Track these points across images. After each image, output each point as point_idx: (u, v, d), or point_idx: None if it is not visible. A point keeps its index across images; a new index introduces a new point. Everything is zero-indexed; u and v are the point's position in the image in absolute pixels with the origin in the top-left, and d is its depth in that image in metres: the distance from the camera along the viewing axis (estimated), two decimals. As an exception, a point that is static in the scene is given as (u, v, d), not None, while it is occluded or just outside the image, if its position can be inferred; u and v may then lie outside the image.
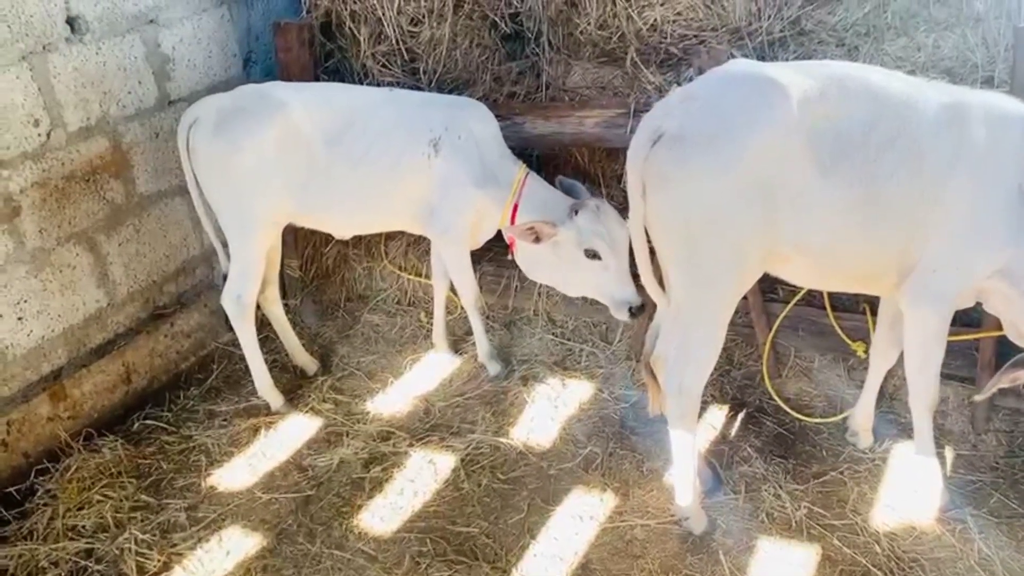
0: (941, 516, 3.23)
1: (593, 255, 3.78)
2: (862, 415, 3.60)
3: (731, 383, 4.16)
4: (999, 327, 3.23)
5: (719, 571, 3.09)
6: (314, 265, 5.04)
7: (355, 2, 4.64)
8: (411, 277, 4.91)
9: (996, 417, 3.69)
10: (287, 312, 4.73)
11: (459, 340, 4.66)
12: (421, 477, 3.72)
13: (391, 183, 3.99)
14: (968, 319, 3.57)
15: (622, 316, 3.81)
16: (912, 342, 3.04)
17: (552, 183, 4.17)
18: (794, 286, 3.64)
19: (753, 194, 2.73)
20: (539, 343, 4.61)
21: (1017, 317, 2.88)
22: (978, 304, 3.17)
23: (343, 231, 4.31)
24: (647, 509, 3.40)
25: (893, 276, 2.96)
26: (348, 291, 5.11)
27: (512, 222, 4.02)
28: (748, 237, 2.81)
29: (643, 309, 3.74)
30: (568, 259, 3.87)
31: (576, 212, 3.74)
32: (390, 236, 4.92)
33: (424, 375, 4.47)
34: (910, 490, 3.34)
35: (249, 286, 3.98)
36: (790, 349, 4.11)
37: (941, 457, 3.55)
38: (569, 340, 4.58)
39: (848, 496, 3.40)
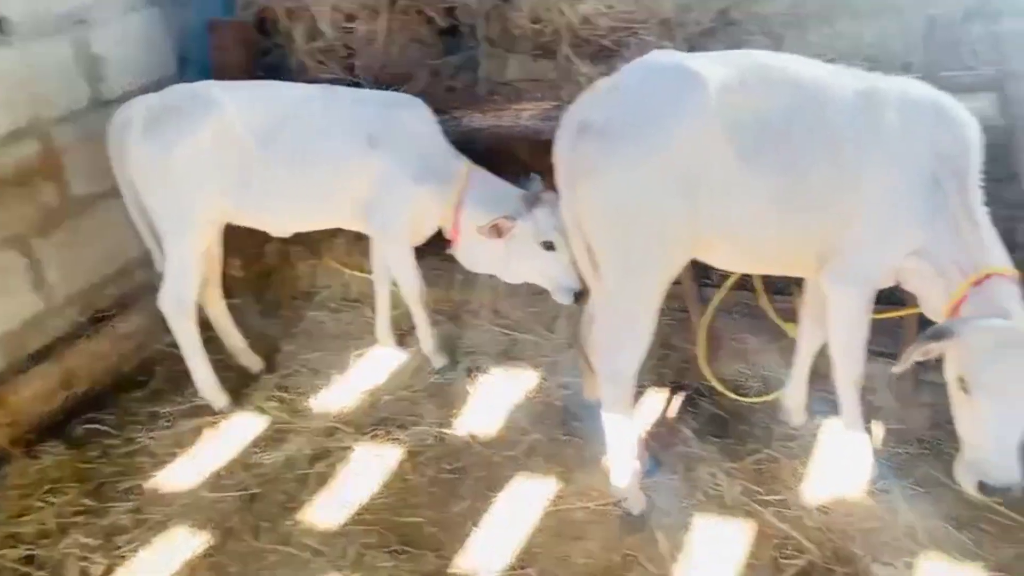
0: (870, 489, 3.35)
1: (549, 247, 3.84)
2: (794, 394, 3.72)
3: (669, 367, 4.25)
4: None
5: (657, 550, 3.17)
6: (257, 264, 5.02)
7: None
8: (354, 273, 4.93)
9: (922, 391, 3.82)
10: (231, 311, 4.72)
11: (404, 334, 4.69)
12: (367, 471, 3.75)
13: (328, 181, 4.00)
14: (893, 297, 3.70)
15: (566, 300, 3.88)
16: (836, 322, 3.15)
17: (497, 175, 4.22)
18: (726, 270, 3.74)
19: (677, 183, 2.81)
20: (484, 334, 4.66)
21: (932, 294, 3.00)
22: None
23: (282, 229, 4.30)
24: (588, 492, 3.47)
25: (816, 259, 3.06)
26: (292, 289, 5.12)
27: (456, 217, 4.06)
28: (674, 225, 2.89)
29: (586, 294, 3.81)
30: (521, 250, 3.93)
31: (532, 204, 3.79)
32: (332, 233, 4.91)
33: (370, 370, 4.49)
34: (840, 465, 3.45)
35: (187, 287, 3.97)
36: (725, 332, 4.21)
37: (870, 432, 3.67)
38: (514, 331, 4.64)
39: (782, 472, 3.51)
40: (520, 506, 3.45)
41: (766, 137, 2.83)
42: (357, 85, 4.67)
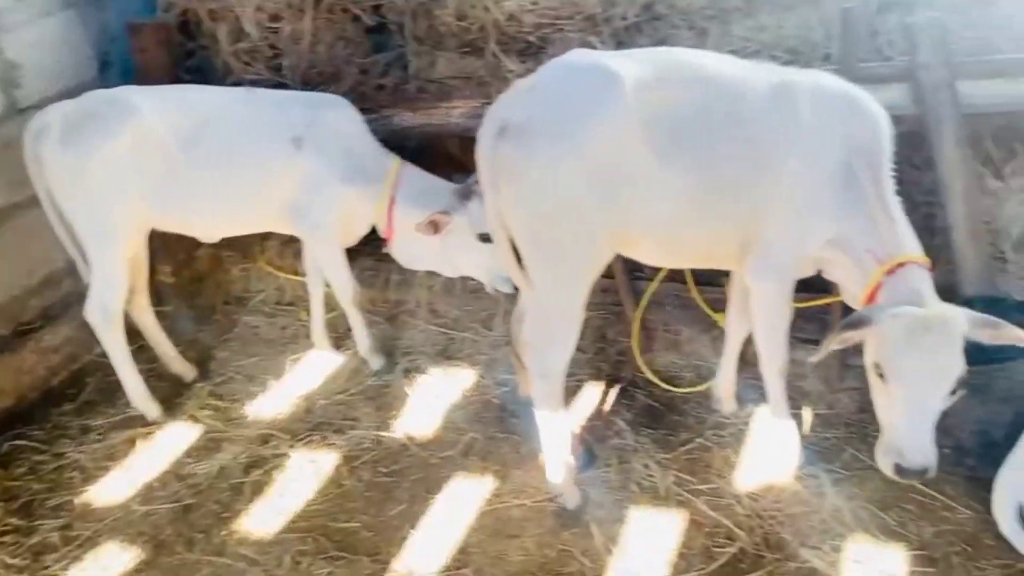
0: (798, 474, 3.42)
1: (486, 239, 3.83)
2: (724, 382, 3.78)
3: (605, 360, 4.28)
4: (843, 292, 3.44)
5: (592, 543, 3.20)
6: (187, 269, 4.92)
7: (213, 0, 4.54)
8: (288, 276, 4.87)
9: (848, 376, 3.90)
10: (162, 319, 4.63)
11: (341, 337, 4.65)
12: (303, 477, 3.72)
13: (254, 184, 3.94)
14: (819, 285, 3.78)
15: (506, 288, 3.90)
16: (759, 311, 3.20)
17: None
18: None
19: (598, 181, 2.82)
20: (422, 334, 4.65)
21: (850, 282, 3.07)
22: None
23: (209, 235, 4.23)
24: (524, 489, 3.49)
25: (737, 252, 3.11)
26: (224, 294, 5.04)
27: (389, 215, 4.04)
28: (596, 223, 2.90)
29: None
30: (458, 244, 3.93)
31: (466, 197, 3.79)
32: (265, 235, 4.85)
33: (306, 375, 4.45)
34: (769, 452, 3.52)
35: (113, 296, 3.88)
36: (658, 324, 4.26)
37: (799, 417, 3.76)
38: (451, 329, 4.63)
39: (713, 461, 3.56)
40: (457, 506, 3.46)
41: (682, 134, 2.86)
42: (283, 86, 4.60)
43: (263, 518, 3.51)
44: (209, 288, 5.02)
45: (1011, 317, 3.43)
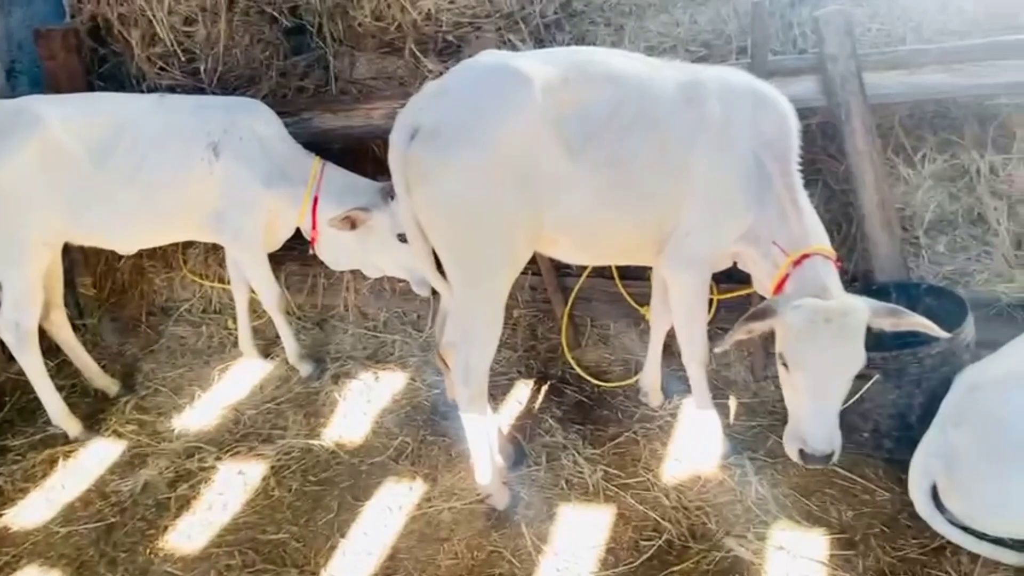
0: (723, 463, 3.46)
1: (405, 239, 3.81)
2: (650, 375, 3.81)
3: (536, 357, 4.30)
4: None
5: (522, 543, 3.19)
6: (109, 280, 4.81)
7: (121, 4, 4.43)
8: (213, 285, 4.78)
9: (773, 364, 3.96)
10: (86, 332, 4.52)
11: (270, 344, 4.59)
12: (230, 489, 3.66)
13: (171, 193, 3.86)
14: (741, 276, 3.83)
15: (425, 292, 3.91)
16: (677, 304, 3.24)
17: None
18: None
19: (511, 182, 2.82)
20: (351, 338, 4.61)
21: (762, 274, 3.12)
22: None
23: (127, 248, 4.13)
24: (455, 492, 3.48)
25: (653, 247, 3.14)
26: (149, 304, 4.94)
27: (314, 216, 3.99)
28: (511, 223, 2.90)
29: None
30: (378, 242, 3.91)
31: (388, 196, 3.76)
32: (188, 243, 4.77)
33: (234, 384, 4.38)
34: (695, 442, 3.56)
35: (27, 313, 3.78)
36: (587, 319, 4.29)
37: (725, 406, 3.82)
38: (381, 332, 4.60)
39: (641, 454, 3.59)
40: (387, 513, 3.43)
41: (592, 132, 2.87)
42: (201, 91, 4.52)
43: (189, 534, 3.44)
44: (132, 299, 4.91)
45: (922, 301, 3.55)
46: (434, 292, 3.86)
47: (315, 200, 3.92)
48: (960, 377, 3.12)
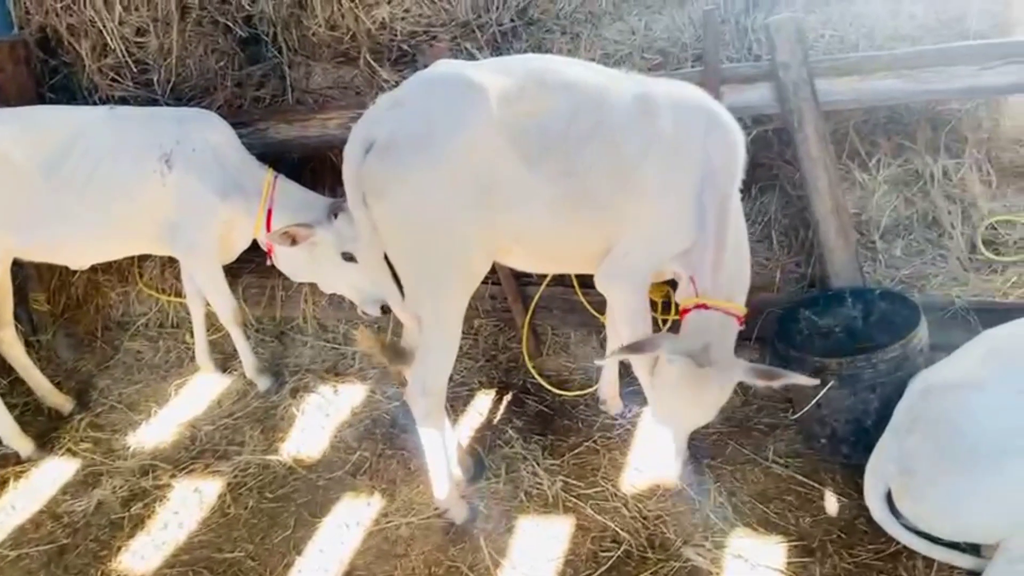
0: (682, 472, 3.45)
1: (349, 258, 3.78)
2: (607, 385, 3.80)
3: (497, 368, 4.27)
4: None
5: (480, 557, 3.16)
6: (63, 295, 4.74)
7: (71, 15, 4.36)
8: (170, 299, 4.71)
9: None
10: (40, 348, 4.44)
11: (228, 358, 4.52)
12: (186, 508, 3.60)
13: (123, 206, 3.79)
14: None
15: (373, 312, 3.86)
16: (619, 318, 3.23)
17: (312, 186, 4.12)
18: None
19: (468, 194, 2.79)
20: (311, 351, 4.56)
21: (680, 288, 3.14)
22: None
23: (78, 262, 4.06)
24: (413, 506, 3.44)
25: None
26: (104, 319, 4.86)
27: (268, 228, 3.94)
28: (469, 235, 2.87)
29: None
30: (324, 259, 3.86)
31: (335, 214, 3.71)
32: (143, 257, 4.70)
33: (191, 399, 4.32)
34: (654, 451, 3.55)
35: (-26, 331, 3.70)
36: (548, 328, 4.27)
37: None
38: (341, 345, 4.55)
39: (601, 464, 3.57)
40: (343, 529, 3.39)
41: (547, 143, 2.84)
42: (154, 102, 4.45)
43: (143, 554, 3.38)
44: (88, 314, 4.84)
45: (877, 306, 3.57)
46: (384, 309, 3.84)
47: (269, 213, 3.86)
48: (914, 382, 3.13)
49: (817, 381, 2.99)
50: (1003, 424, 2.78)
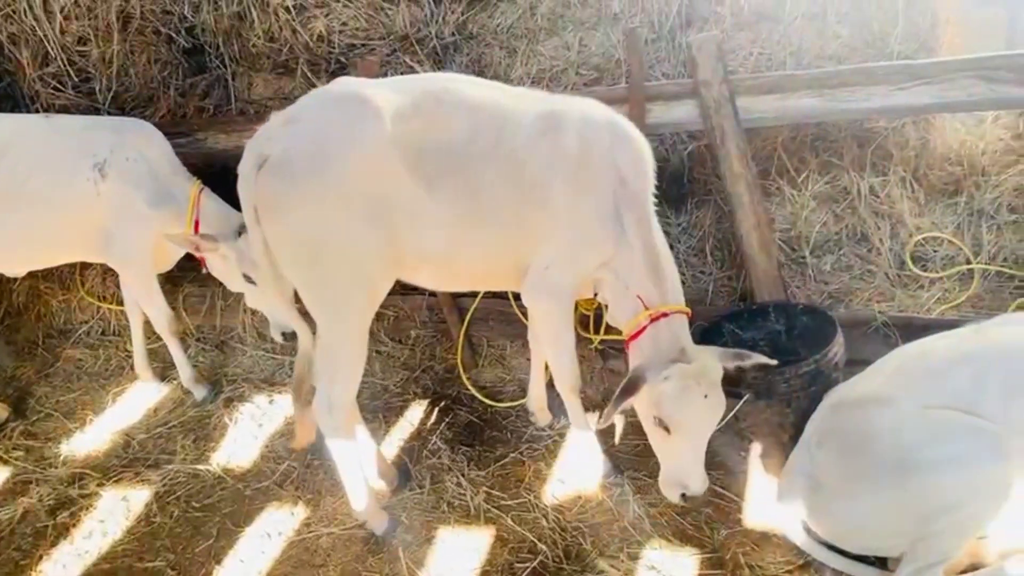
0: (604, 483, 3.48)
1: (248, 280, 3.79)
2: (535, 397, 3.82)
3: (433, 378, 4.30)
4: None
5: (398, 568, 3.18)
6: (3, 303, 4.74)
7: (11, 23, 4.36)
8: (111, 307, 4.72)
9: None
10: (-22, 357, 4.43)
11: (168, 367, 4.52)
12: (112, 517, 3.60)
13: (57, 215, 3.80)
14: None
15: (277, 337, 3.87)
16: (543, 331, 3.26)
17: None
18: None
19: (363, 211, 2.79)
20: (250, 360, 4.57)
21: (616, 312, 3.17)
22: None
23: (12, 269, 4.06)
24: (336, 517, 3.45)
25: (514, 274, 3.13)
26: (46, 327, 4.86)
27: None
28: (366, 253, 2.86)
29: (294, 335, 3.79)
30: (233, 276, 3.89)
31: (239, 232, 3.72)
32: (85, 265, 4.70)
33: (128, 408, 4.33)
34: (576, 463, 3.58)
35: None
36: (483, 340, 4.30)
37: (612, 426, 3.84)
38: (279, 354, 4.56)
39: (525, 475, 3.59)
40: (265, 539, 3.40)
41: (445, 162, 2.85)
42: (96, 111, 4.46)
43: (64, 563, 3.38)
44: (29, 321, 4.84)
45: (799, 320, 3.62)
46: (285, 337, 3.84)
47: (196, 223, 3.87)
48: (828, 396, 3.18)
49: (775, 361, 3.04)
50: (906, 439, 2.82)
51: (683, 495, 2.98)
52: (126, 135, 3.89)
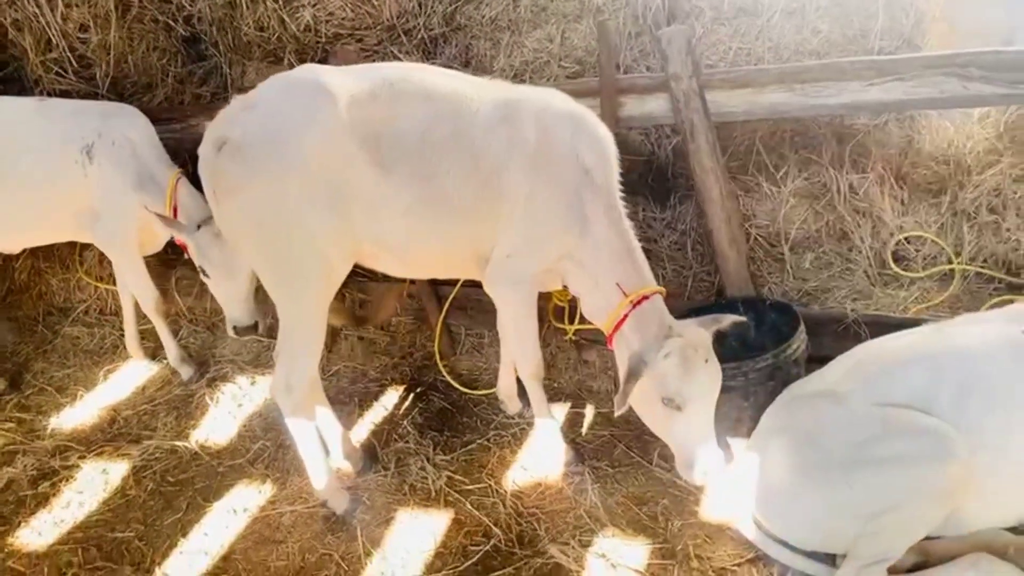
0: (565, 471, 3.52)
1: (202, 271, 3.88)
2: (504, 385, 3.86)
3: (411, 365, 4.37)
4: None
5: (354, 547, 3.25)
6: (6, 281, 4.90)
7: (15, 10, 4.51)
8: (108, 287, 4.85)
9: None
10: (-18, 332, 4.59)
11: (160, 347, 4.64)
12: (90, 488, 3.73)
13: (45, 195, 3.94)
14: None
15: (229, 331, 3.96)
16: (506, 320, 3.30)
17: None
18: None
19: (318, 195, 2.85)
20: (238, 342, 4.67)
21: (591, 304, 3.18)
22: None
23: (5, 245, 4.20)
24: (300, 495, 3.54)
25: (474, 263, 3.18)
26: (46, 305, 5.02)
27: None
28: (321, 237, 2.92)
29: (251, 330, 3.90)
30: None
31: (199, 226, 3.80)
32: (85, 246, 4.85)
33: (117, 385, 4.46)
34: (539, 451, 3.62)
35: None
36: (462, 328, 4.35)
37: (582, 415, 3.88)
38: (267, 337, 4.64)
39: (489, 461, 3.65)
40: (231, 514, 3.49)
41: (401, 149, 2.90)
42: (95, 96, 4.59)
43: (40, 530, 3.51)
44: (30, 299, 5.00)
45: (768, 316, 3.62)
46: (236, 331, 3.93)
47: (175, 209, 3.96)
48: (786, 391, 3.19)
49: (744, 319, 3.13)
50: (854, 436, 2.83)
51: (707, 474, 2.95)
52: (113, 120, 4.01)
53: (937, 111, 4.01)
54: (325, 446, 3.53)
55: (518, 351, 3.35)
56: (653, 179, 4.39)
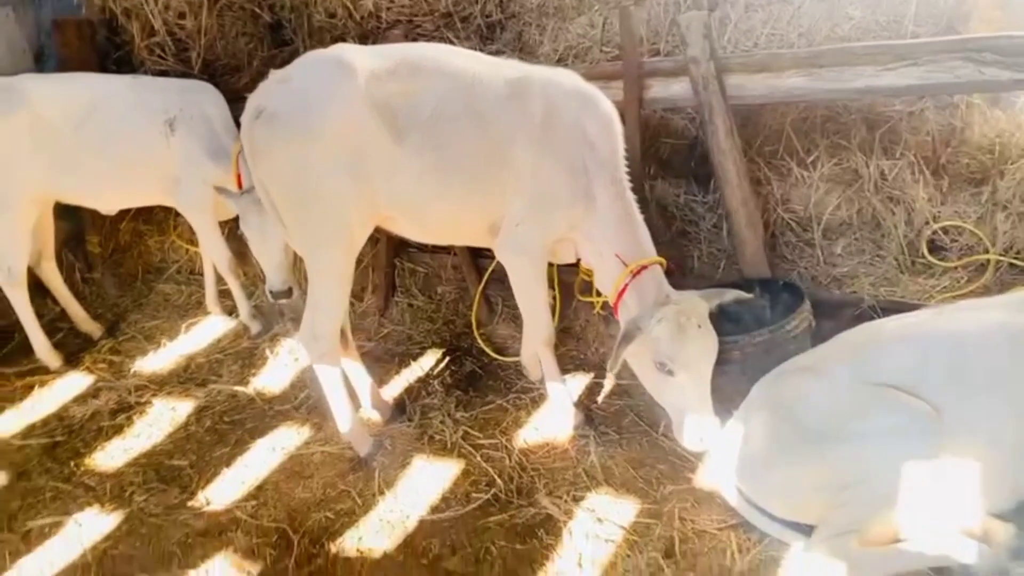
0: (574, 433, 3.73)
1: (244, 235, 4.27)
2: (526, 351, 4.08)
3: (451, 331, 4.67)
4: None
5: (371, 486, 3.57)
6: (112, 241, 5.51)
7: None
8: (196, 250, 5.38)
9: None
10: (92, 284, 5.20)
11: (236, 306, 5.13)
12: (159, 422, 4.21)
13: (135, 161, 4.45)
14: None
15: (268, 296, 4.33)
16: (516, 288, 3.53)
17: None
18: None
19: (341, 161, 3.17)
20: (302, 303, 5.07)
21: (599, 275, 3.38)
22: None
23: (103, 207, 4.77)
24: (331, 439, 3.88)
25: (484, 231, 3.43)
26: (145, 263, 5.61)
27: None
28: (344, 200, 3.23)
29: (286, 294, 4.25)
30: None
31: (243, 193, 4.20)
32: (179, 212, 5.38)
33: (196, 336, 4.96)
34: (551, 414, 3.83)
35: (15, 258, 4.45)
36: (499, 298, 4.60)
37: (599, 387, 4.06)
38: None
39: (504, 420, 3.89)
40: (270, 452, 3.88)
41: (418, 120, 3.18)
42: (189, 76, 5.11)
43: (114, 455, 4.01)
44: (132, 258, 5.60)
45: (781, 296, 3.70)
46: (273, 295, 4.28)
47: (239, 178, 4.39)
48: (782, 366, 3.28)
49: (750, 296, 3.33)
50: (832, 410, 2.90)
51: (703, 440, 3.16)
52: (192, 96, 4.50)
53: (986, 98, 3.95)
54: (357, 397, 3.89)
55: (528, 318, 3.58)
56: (696, 163, 4.50)
